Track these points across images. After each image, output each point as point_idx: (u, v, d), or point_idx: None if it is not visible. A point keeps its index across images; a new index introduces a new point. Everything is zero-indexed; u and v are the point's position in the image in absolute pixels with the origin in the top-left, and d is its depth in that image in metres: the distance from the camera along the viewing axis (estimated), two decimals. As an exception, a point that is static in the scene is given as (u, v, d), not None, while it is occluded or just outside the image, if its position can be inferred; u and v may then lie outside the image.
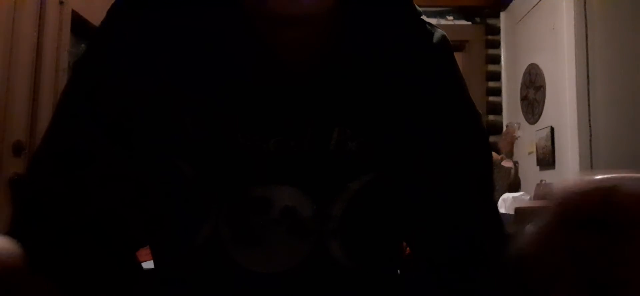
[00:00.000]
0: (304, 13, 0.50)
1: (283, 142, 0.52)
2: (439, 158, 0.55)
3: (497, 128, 3.43)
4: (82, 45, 2.26)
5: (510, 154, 3.21)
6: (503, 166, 3.03)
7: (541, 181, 2.80)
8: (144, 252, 0.59)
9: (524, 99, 3.11)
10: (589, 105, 2.44)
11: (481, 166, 0.58)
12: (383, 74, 0.55)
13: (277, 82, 0.53)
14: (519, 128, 3.18)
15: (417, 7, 0.60)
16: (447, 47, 0.59)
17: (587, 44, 2.47)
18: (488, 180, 0.59)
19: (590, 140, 2.43)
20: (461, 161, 0.56)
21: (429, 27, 0.59)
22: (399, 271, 0.63)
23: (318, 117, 0.52)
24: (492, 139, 3.39)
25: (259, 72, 0.53)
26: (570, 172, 2.50)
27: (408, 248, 0.63)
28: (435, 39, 0.58)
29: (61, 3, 2.02)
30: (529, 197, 2.68)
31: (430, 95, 0.56)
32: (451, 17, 3.50)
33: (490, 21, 3.52)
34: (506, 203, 2.49)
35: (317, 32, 0.55)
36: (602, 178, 0.30)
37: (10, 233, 0.40)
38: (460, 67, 0.60)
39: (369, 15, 0.56)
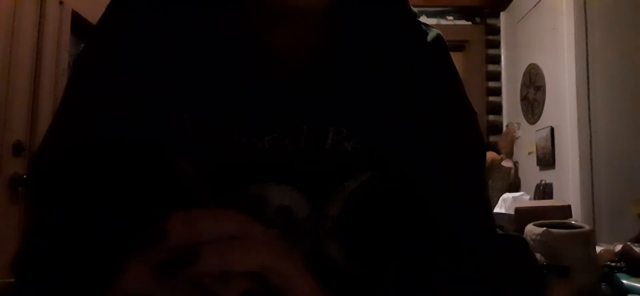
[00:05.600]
0: (301, 6, 0.50)
1: (278, 140, 0.52)
2: (433, 155, 0.56)
3: (497, 128, 3.43)
4: (82, 44, 2.26)
5: (510, 154, 3.21)
6: (503, 166, 3.03)
7: (541, 181, 2.80)
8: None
9: (524, 99, 3.11)
10: (589, 105, 2.44)
11: (474, 163, 0.59)
12: (378, 73, 0.55)
13: (273, 80, 0.53)
14: (519, 128, 3.18)
15: (413, 7, 0.60)
16: (442, 46, 0.60)
17: (587, 44, 2.47)
18: (480, 178, 0.60)
19: (590, 140, 2.42)
20: (455, 159, 0.57)
21: (424, 27, 0.60)
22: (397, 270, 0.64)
23: (313, 116, 0.52)
24: (492, 139, 3.39)
25: (254, 70, 0.53)
26: (570, 172, 2.50)
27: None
28: (430, 38, 0.59)
29: (61, 3, 2.02)
30: (529, 197, 2.68)
31: (425, 94, 0.56)
32: (451, 17, 3.50)
33: (490, 21, 3.52)
34: (506, 203, 2.48)
35: (313, 31, 0.55)
36: None
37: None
38: (460, 67, 0.61)
39: (364, 14, 0.56)
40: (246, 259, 0.34)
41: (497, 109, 3.47)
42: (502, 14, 3.49)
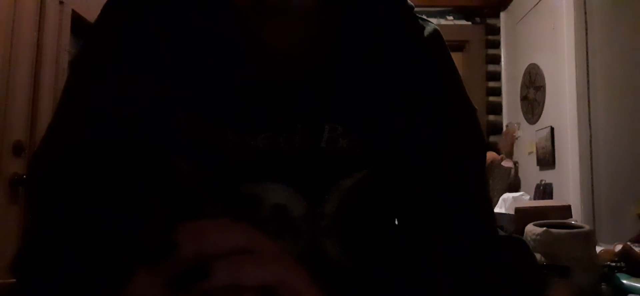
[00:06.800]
0: (296, 3, 0.50)
1: (272, 138, 0.51)
2: (431, 152, 0.55)
3: (497, 128, 3.43)
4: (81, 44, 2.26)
5: (510, 154, 3.21)
6: (503, 166, 3.03)
7: (541, 181, 2.79)
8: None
9: (524, 99, 3.11)
10: (589, 105, 2.44)
11: (474, 160, 0.58)
12: (374, 70, 0.55)
13: (268, 78, 0.53)
14: (519, 128, 3.18)
15: (411, 3, 0.60)
16: (439, 41, 0.59)
17: (587, 44, 2.47)
18: (481, 175, 0.59)
19: (590, 140, 2.42)
20: (454, 155, 0.56)
21: (421, 21, 0.59)
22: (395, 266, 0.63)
23: (308, 114, 0.52)
24: (492, 139, 3.39)
25: (249, 68, 0.52)
26: (570, 172, 2.50)
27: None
28: (426, 33, 0.58)
29: (61, 3, 2.02)
30: (529, 197, 2.68)
31: (422, 89, 0.56)
32: (451, 17, 3.50)
33: (490, 21, 3.52)
34: (506, 203, 2.48)
35: (309, 27, 0.55)
36: None
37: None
38: (460, 67, 0.60)
39: (360, 10, 0.56)
40: (257, 273, 0.34)
41: (497, 109, 3.47)
42: (502, 14, 3.49)
